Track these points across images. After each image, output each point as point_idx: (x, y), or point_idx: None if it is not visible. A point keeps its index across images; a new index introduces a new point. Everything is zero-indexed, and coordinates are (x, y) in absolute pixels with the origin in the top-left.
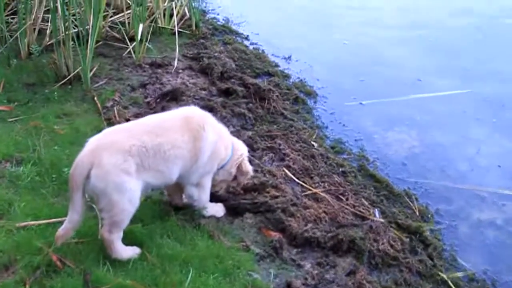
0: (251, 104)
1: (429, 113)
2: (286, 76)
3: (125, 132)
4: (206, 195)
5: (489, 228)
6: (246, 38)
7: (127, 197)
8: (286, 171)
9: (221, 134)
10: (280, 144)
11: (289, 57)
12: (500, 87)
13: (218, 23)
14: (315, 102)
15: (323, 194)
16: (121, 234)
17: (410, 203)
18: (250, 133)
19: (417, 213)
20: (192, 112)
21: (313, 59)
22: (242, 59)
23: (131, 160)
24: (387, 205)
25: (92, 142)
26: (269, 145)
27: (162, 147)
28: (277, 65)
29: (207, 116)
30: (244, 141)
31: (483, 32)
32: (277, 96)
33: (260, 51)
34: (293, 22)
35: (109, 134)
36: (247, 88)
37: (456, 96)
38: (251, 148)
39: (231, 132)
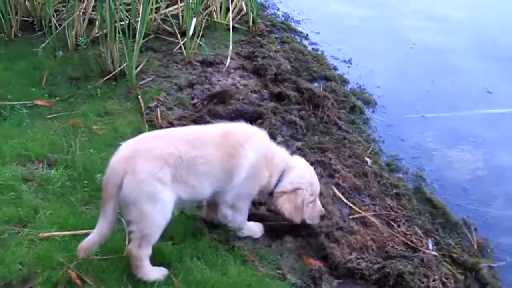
0: (303, 111)
1: (498, 131)
2: (344, 82)
3: (162, 139)
4: (242, 217)
5: None
6: (306, 37)
7: (159, 208)
8: (335, 189)
9: (268, 156)
10: (331, 159)
11: (350, 60)
12: None
13: (278, 19)
14: (373, 112)
15: (372, 219)
16: (150, 252)
17: (469, 234)
18: (299, 143)
19: (476, 247)
20: (235, 128)
21: (375, 63)
22: (299, 60)
23: (167, 169)
24: (442, 235)
25: (127, 147)
26: (319, 158)
27: (196, 160)
28: (335, 69)
29: (253, 134)
30: (292, 153)
31: None
32: (332, 104)
33: (319, 52)
34: (357, 23)
35: (146, 139)
36: (301, 93)
37: None
38: None
39: (279, 143)
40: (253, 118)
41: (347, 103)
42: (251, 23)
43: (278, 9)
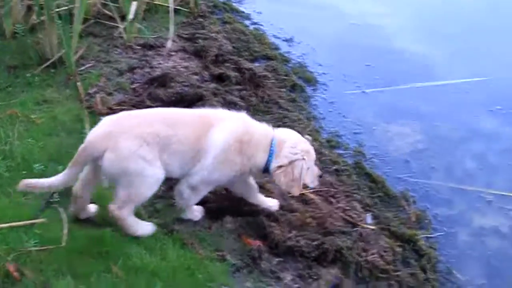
0: (244, 92)
1: (437, 104)
2: (286, 60)
3: (141, 118)
4: (196, 200)
5: (491, 236)
6: (248, 17)
7: (146, 183)
8: None
9: (244, 140)
10: None
11: (291, 39)
12: None
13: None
14: (314, 90)
15: (312, 196)
16: (132, 210)
17: (407, 206)
18: None
19: (413, 219)
20: (210, 112)
21: (317, 41)
22: (240, 41)
23: (147, 147)
24: (381, 209)
25: (107, 123)
26: None
27: (170, 139)
28: (277, 48)
29: (225, 119)
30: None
31: (500, 13)
32: (273, 83)
33: (260, 32)
34: (299, 1)
35: (125, 118)
36: (242, 73)
37: (468, 85)
38: None
39: None
40: (194, 100)
41: (288, 82)
42: (192, 5)
43: None
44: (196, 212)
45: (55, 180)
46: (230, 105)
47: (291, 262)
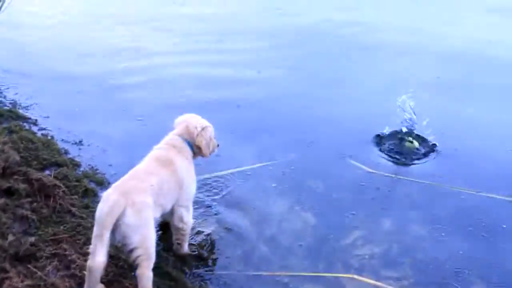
0: (35, 204)
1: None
2: (76, 165)
3: (136, 178)
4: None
5: None
6: (35, 123)
7: (153, 230)
8: (72, 282)
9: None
10: (66, 249)
11: (81, 142)
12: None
13: (5, 107)
14: None
15: None
16: None
17: None
18: (33, 238)
19: None
20: (162, 152)
21: (106, 141)
22: (28, 149)
23: (151, 198)
24: None
25: (117, 187)
26: (54, 251)
27: (162, 185)
28: (66, 152)
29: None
30: (25, 250)
31: None
32: (63, 191)
33: (49, 138)
34: (86, 98)
35: (126, 181)
36: (31, 184)
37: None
38: (34, 258)
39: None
40: None
41: (80, 188)
42: None
43: (5, 97)
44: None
45: (102, 256)
46: (21, 219)
47: None
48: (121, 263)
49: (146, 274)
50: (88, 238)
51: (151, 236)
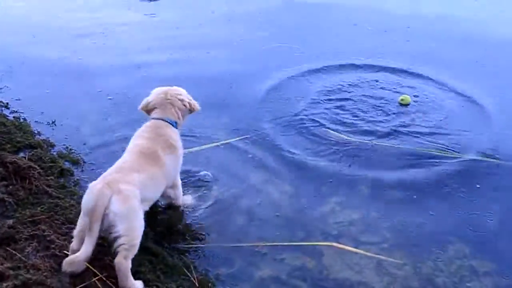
0: (11, 186)
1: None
2: (51, 146)
3: (122, 171)
4: (180, 191)
5: (274, 285)
6: (6, 106)
7: (140, 221)
8: (52, 262)
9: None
10: (44, 230)
11: (53, 122)
12: None
13: None
14: (82, 171)
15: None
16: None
17: (189, 273)
18: (11, 221)
19: (197, 284)
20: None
21: (79, 120)
22: (1, 133)
23: (137, 191)
24: (164, 281)
25: (102, 179)
26: (32, 232)
27: (152, 176)
28: (40, 134)
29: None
30: (3, 233)
31: None
32: (39, 172)
33: (21, 120)
34: (56, 80)
35: (112, 174)
36: (5, 167)
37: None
38: (13, 240)
39: None
40: None
41: (55, 169)
42: None
43: None
44: (190, 200)
45: (87, 249)
46: None
47: None
48: (100, 241)
49: (124, 264)
50: (67, 218)
51: (138, 227)
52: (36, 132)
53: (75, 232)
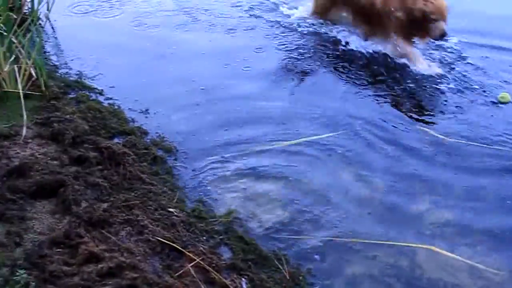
0: (106, 171)
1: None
2: (144, 133)
3: None
4: None
5: (366, 282)
6: (101, 92)
7: None
8: (146, 247)
9: None
10: (138, 215)
11: (147, 110)
12: None
13: (71, 78)
14: (175, 160)
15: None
16: None
17: (280, 266)
18: (105, 205)
19: (288, 277)
20: None
21: (172, 109)
22: (96, 119)
23: None
24: (255, 271)
25: None
26: (126, 217)
27: None
28: (134, 121)
29: None
30: (98, 216)
31: None
32: (133, 159)
33: (116, 107)
34: (151, 69)
35: None
36: (101, 152)
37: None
38: (107, 224)
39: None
40: (55, 188)
41: (149, 156)
42: (43, 88)
43: (70, 68)
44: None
45: None
46: (94, 186)
47: None
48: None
49: None
50: (159, 204)
51: None
52: (130, 119)
53: None
